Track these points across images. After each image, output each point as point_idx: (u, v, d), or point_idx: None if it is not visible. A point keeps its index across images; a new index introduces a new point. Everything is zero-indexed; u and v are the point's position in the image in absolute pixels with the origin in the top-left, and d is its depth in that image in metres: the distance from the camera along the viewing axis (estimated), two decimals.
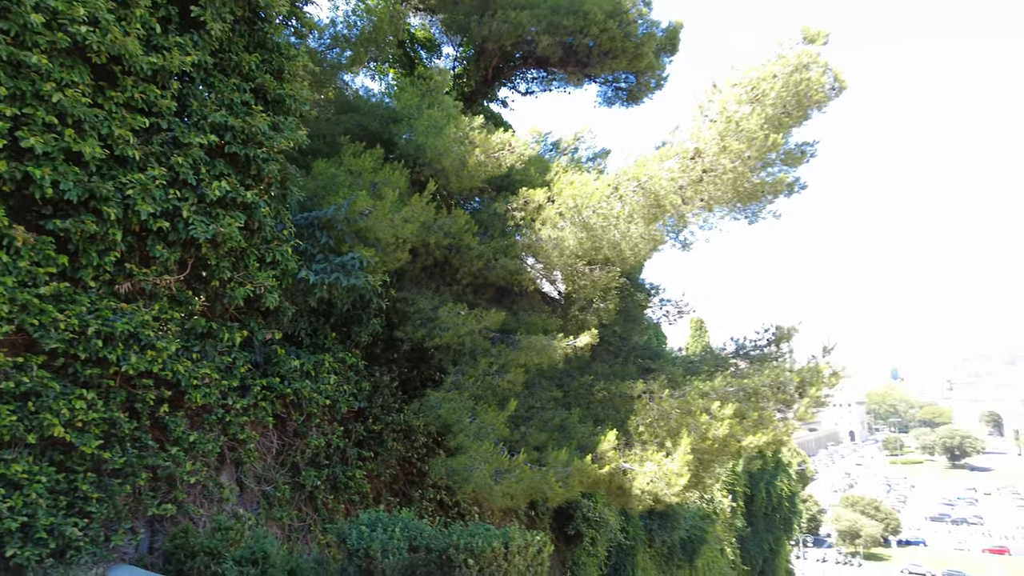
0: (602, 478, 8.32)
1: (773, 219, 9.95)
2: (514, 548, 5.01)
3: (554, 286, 10.78)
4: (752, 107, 8.82)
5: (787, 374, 9.00)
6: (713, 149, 8.61)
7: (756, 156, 8.98)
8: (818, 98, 10.10)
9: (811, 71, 9.85)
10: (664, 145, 9.33)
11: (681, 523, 22.41)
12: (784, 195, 10.23)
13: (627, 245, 9.01)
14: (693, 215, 9.57)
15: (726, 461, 9.29)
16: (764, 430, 8.33)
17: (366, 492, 10.01)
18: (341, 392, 9.29)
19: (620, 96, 15.47)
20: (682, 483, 7.93)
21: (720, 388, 9.22)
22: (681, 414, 8.59)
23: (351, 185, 8.82)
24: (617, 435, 8.82)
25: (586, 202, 8.60)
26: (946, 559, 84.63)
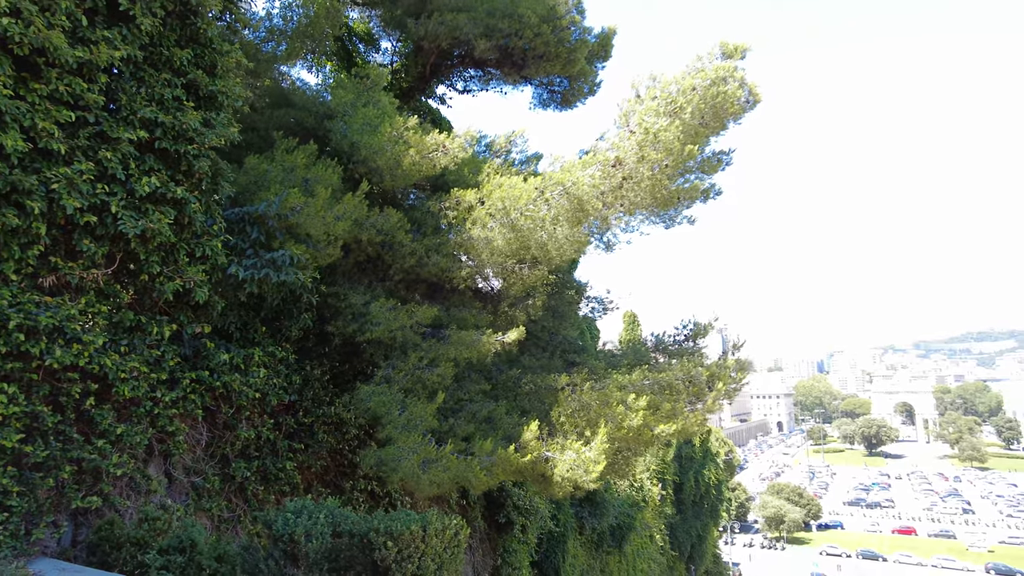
0: (525, 466, 8.79)
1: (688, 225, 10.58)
2: (431, 531, 5.38)
3: (486, 283, 11.15)
4: (670, 119, 9.40)
5: (698, 369, 9.68)
6: (632, 158, 9.15)
7: (673, 165, 9.59)
8: (734, 110, 10.79)
9: (728, 85, 10.52)
10: (588, 152, 9.84)
11: (610, 510, 23.29)
12: (700, 201, 10.93)
13: (553, 246, 9.48)
14: (615, 219, 10.13)
15: (642, 449, 9.90)
16: (675, 420, 8.97)
17: (297, 483, 10.19)
18: (271, 385, 9.44)
19: (555, 99, 15.94)
20: (599, 469, 8.48)
21: (637, 381, 9.82)
22: (600, 405, 9.14)
23: (283, 181, 8.95)
24: (540, 425, 9.31)
25: (514, 204, 9.01)
26: (860, 540, 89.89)
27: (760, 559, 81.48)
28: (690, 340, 12.59)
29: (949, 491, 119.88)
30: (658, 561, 34.69)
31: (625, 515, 25.55)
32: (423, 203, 10.95)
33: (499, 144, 12.05)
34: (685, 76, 10.55)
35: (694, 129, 10.22)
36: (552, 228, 9.15)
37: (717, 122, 10.75)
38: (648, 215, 10.46)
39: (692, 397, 9.49)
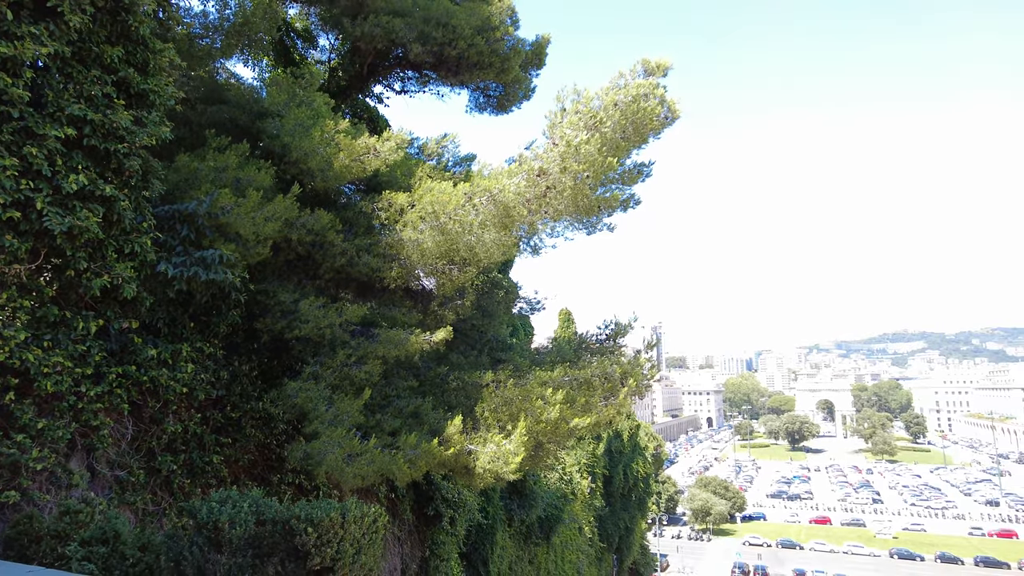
0: (448, 459, 9.25)
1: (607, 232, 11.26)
2: (351, 518, 5.76)
3: (416, 282, 11.52)
4: (591, 133, 10.02)
5: (613, 367, 10.37)
6: (556, 169, 9.73)
7: (595, 176, 10.22)
8: (653, 126, 11.51)
9: (648, 101, 11.20)
10: (516, 160, 10.36)
11: (539, 503, 24.02)
12: (620, 210, 11.64)
13: (481, 249, 9.96)
14: (541, 224, 10.70)
15: (562, 441, 10.50)
16: (589, 414, 9.62)
17: (224, 476, 10.33)
18: (199, 380, 9.57)
19: (491, 104, 16.41)
20: (517, 461, 9.02)
21: (558, 378, 10.44)
22: (521, 400, 9.69)
23: (215, 180, 9.10)
24: (465, 420, 9.79)
25: (443, 208, 9.43)
26: (781, 531, 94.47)
27: (687, 550, 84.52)
28: (611, 339, 13.32)
29: (861, 483, 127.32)
30: (586, 552, 35.79)
31: (553, 507, 26.35)
32: (356, 203, 11.22)
33: (430, 148, 12.42)
34: (608, 91, 11.18)
35: (615, 143, 10.89)
36: (480, 232, 9.63)
37: (638, 136, 11.44)
38: (572, 222, 11.08)
39: (606, 392, 10.17)
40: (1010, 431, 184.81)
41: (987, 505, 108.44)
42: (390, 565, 15.77)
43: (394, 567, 16.09)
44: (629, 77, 11.45)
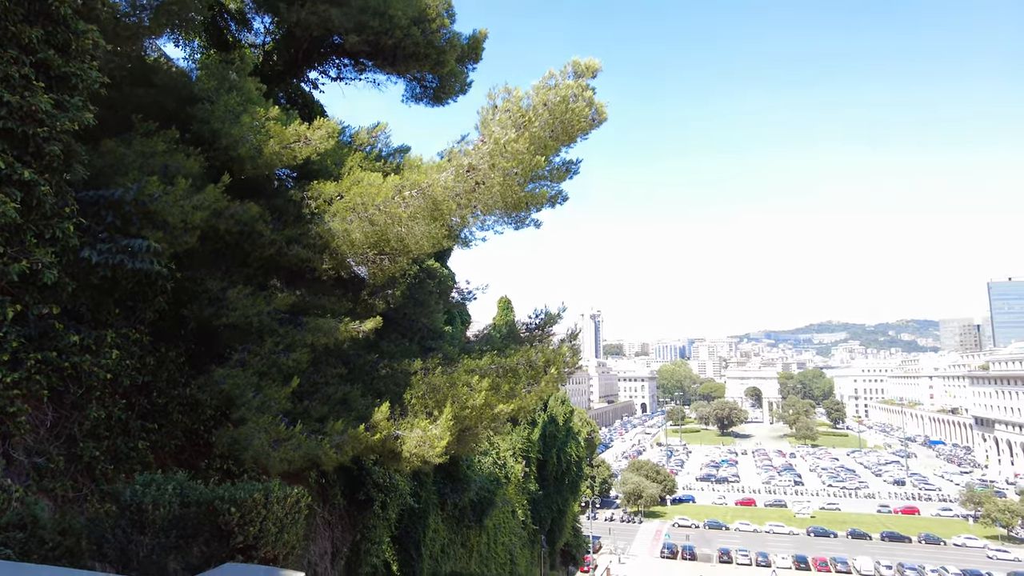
0: (375, 444, 9.55)
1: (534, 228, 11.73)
2: (273, 498, 6.02)
3: (347, 271, 11.68)
4: (519, 131, 10.42)
5: (537, 355, 10.88)
6: (485, 165, 10.09)
7: (523, 173, 10.63)
8: (581, 126, 11.97)
9: (577, 103, 11.64)
10: (446, 155, 10.67)
11: (472, 487, 24.54)
12: (548, 206, 12.12)
13: (411, 240, 10.24)
14: (472, 217, 11.06)
15: (488, 426, 10.94)
16: (513, 400, 10.10)
17: (150, 462, 10.31)
18: (123, 366, 9.52)
19: (427, 94, 16.57)
20: (443, 445, 9.42)
21: (485, 366, 10.87)
22: (447, 387, 10.08)
23: (142, 167, 9.04)
24: (393, 407, 10.10)
25: (371, 200, 9.66)
26: (708, 512, 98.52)
27: (619, 532, 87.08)
28: (540, 328, 13.84)
29: (785, 466, 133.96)
30: (519, 535, 36.66)
31: (486, 491, 26.93)
32: (287, 191, 11.29)
33: (362, 137, 12.55)
34: (538, 91, 11.57)
35: (543, 141, 11.32)
36: (410, 224, 9.91)
37: (566, 136, 11.89)
38: (501, 216, 11.48)
39: (530, 380, 10.67)
40: (917, 416, 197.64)
41: (894, 484, 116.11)
42: (320, 548, 15.95)
43: (324, 550, 16.27)
44: (559, 78, 11.85)
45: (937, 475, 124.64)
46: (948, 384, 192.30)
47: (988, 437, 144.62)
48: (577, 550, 54.17)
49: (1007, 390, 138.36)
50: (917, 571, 67.94)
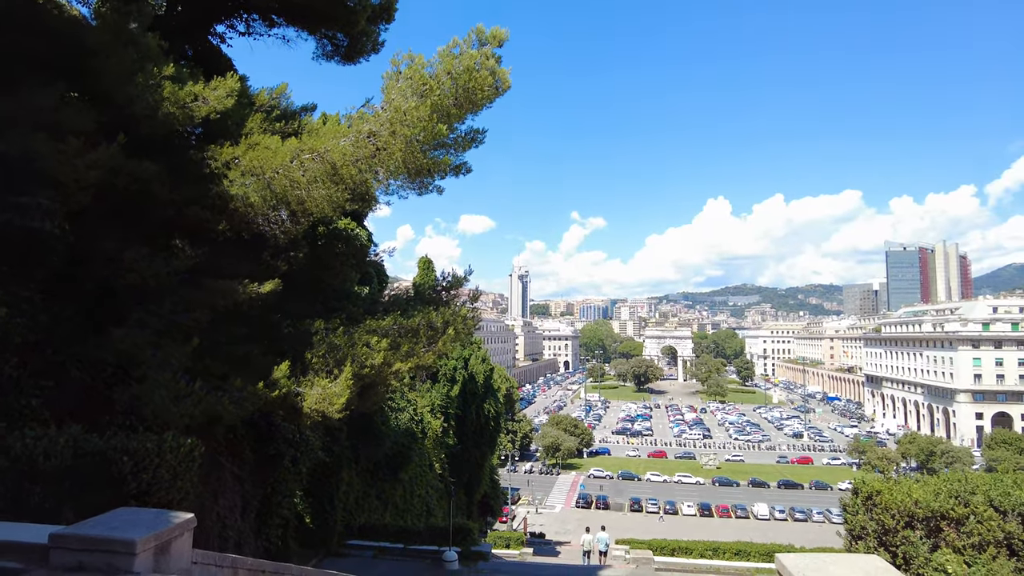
0: (275, 400, 9.95)
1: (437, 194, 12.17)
2: (167, 447, 6.40)
3: (248, 232, 11.77)
4: (421, 99, 10.74)
5: (436, 316, 11.47)
6: (385, 132, 10.40)
7: (425, 140, 11.00)
8: (486, 95, 12.36)
9: (481, 72, 12.01)
10: (346, 120, 10.88)
11: (386, 441, 25.20)
12: (452, 175, 12.56)
13: (312, 204, 10.48)
14: (374, 182, 11.37)
15: (389, 383, 11.48)
16: (411, 359, 10.69)
17: (46, 419, 10.32)
18: (15, 324, 9.45)
19: (338, 53, 16.39)
20: (342, 402, 9.93)
21: (387, 326, 11.37)
22: (348, 347, 10.54)
23: (32, 122, 8.83)
24: (294, 365, 10.49)
25: (270, 164, 9.81)
26: (622, 464, 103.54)
27: (537, 483, 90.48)
28: (446, 290, 14.40)
29: (695, 420, 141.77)
30: (436, 487, 37.82)
31: (401, 446, 27.68)
32: (186, 152, 11.20)
33: (263, 98, 12.49)
34: (442, 58, 11.84)
35: (446, 109, 11.66)
36: (309, 188, 10.15)
37: (470, 104, 12.26)
38: (405, 182, 11.84)
39: (429, 339, 11.27)
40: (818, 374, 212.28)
41: (793, 437, 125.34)
42: (230, 502, 16.24)
43: (234, 504, 16.57)
44: (464, 46, 12.14)
45: (831, 428, 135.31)
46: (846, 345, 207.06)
47: (877, 393, 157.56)
48: (495, 501, 56.18)
49: (894, 351, 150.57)
50: (805, 514, 74.53)
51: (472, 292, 13.31)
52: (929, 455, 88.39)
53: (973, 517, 6.27)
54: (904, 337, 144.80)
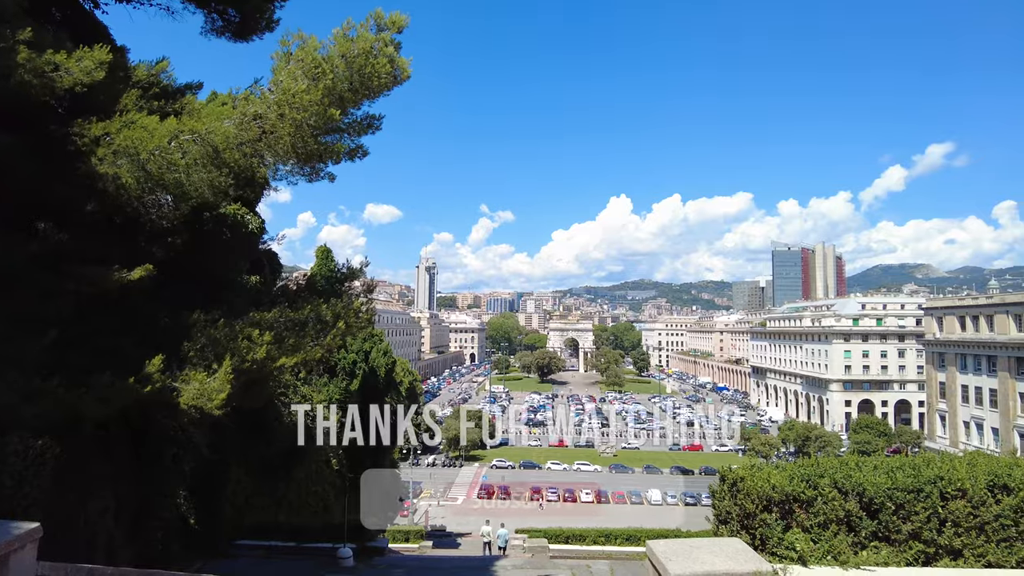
0: (148, 396, 9.26)
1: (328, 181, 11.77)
2: (9, 451, 5.82)
3: (120, 216, 10.90)
4: (313, 82, 10.31)
5: (324, 308, 11.10)
6: (273, 115, 9.91)
7: (316, 125, 10.57)
8: (383, 82, 12.02)
9: (378, 57, 11.66)
10: (229, 101, 10.28)
11: (278, 438, 24.19)
12: (347, 160, 12.18)
13: (191, 188, 9.80)
14: (261, 167, 10.83)
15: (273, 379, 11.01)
16: (297, 353, 10.28)
17: None
18: None
19: (229, 29, 15.41)
20: (221, 398, 9.40)
21: (272, 319, 10.88)
22: (228, 340, 9.99)
23: None
24: (170, 359, 9.83)
25: (144, 145, 9.10)
26: (525, 453, 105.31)
27: (440, 476, 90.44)
28: (340, 282, 13.99)
29: (594, 410, 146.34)
30: (334, 483, 36.83)
31: (295, 442, 26.66)
32: (53, 127, 10.20)
33: (141, 74, 11.59)
34: (337, 41, 11.39)
35: (340, 94, 11.24)
36: (188, 172, 9.50)
37: (366, 90, 11.88)
38: (294, 167, 11.36)
39: (317, 333, 10.89)
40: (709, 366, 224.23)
41: (685, 425, 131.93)
42: (101, 505, 15.07)
43: (106, 507, 15.38)
44: (361, 30, 11.75)
45: (720, 417, 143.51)
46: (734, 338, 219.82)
47: (761, 384, 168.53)
48: None
49: (777, 344, 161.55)
50: (695, 498, 78.70)
51: (367, 283, 13.00)
52: (805, 440, 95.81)
53: (820, 499, 6.84)
54: (786, 331, 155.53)
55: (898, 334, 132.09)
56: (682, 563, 5.46)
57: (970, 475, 7.50)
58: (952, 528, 7.35)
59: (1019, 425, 72.17)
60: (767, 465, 7.93)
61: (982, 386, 78.09)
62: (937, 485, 7.41)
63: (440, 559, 27.89)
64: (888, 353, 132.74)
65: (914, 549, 7.25)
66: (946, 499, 7.39)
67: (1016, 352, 72.28)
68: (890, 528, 7.34)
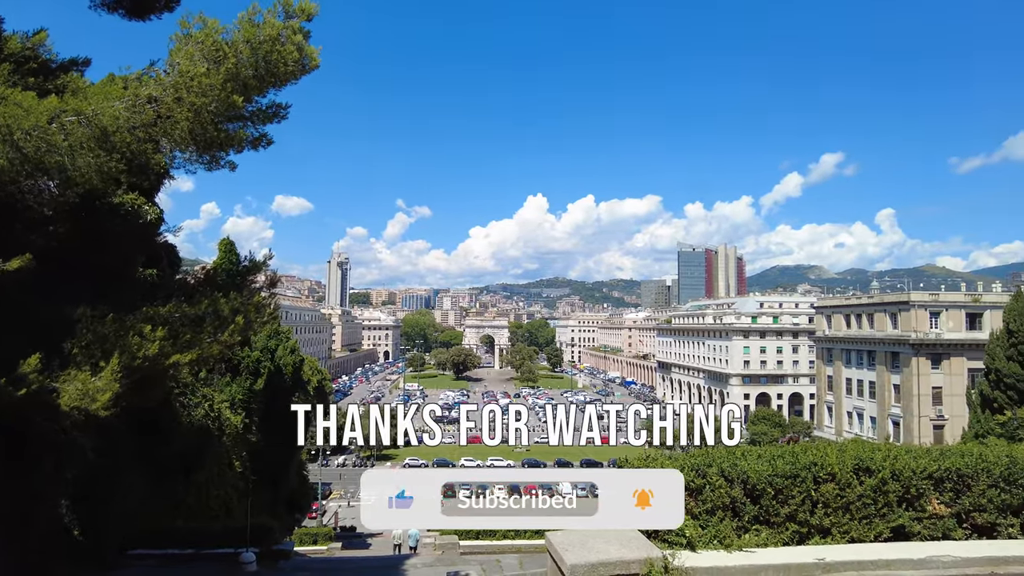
0: (23, 399, 8.55)
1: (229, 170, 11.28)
2: None
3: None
4: (214, 66, 9.82)
5: (223, 303, 10.60)
6: (169, 98, 9.37)
7: (217, 111, 10.07)
8: (291, 70, 11.61)
9: (284, 45, 11.25)
10: (121, 81, 9.63)
11: (175, 440, 22.95)
12: (249, 148, 11.69)
13: (77, 174, 9.11)
14: (156, 153, 10.20)
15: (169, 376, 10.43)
16: (192, 350, 9.78)
17: None
18: None
19: (122, 5, 14.43)
20: (106, 398, 8.80)
21: (168, 314, 10.28)
22: (116, 336, 9.37)
23: None
24: (51, 357, 9.11)
25: (18, 124, 8.37)
26: (439, 451, 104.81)
27: (351, 477, 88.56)
28: (241, 276, 13.41)
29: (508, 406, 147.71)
30: (237, 487, 35.29)
31: (194, 444, 25.40)
32: None
33: (14, 46, 10.61)
34: (242, 26, 10.90)
35: (244, 80, 10.75)
36: (72, 155, 8.82)
37: (272, 78, 11.44)
38: (192, 155, 10.80)
39: (215, 329, 10.39)
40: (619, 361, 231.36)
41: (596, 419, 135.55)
42: None
43: None
44: (268, 16, 11.30)
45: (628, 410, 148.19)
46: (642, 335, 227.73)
47: (667, 378, 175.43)
48: (303, 497, 53.86)
49: (682, 340, 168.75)
50: None
51: (271, 278, 12.52)
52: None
53: (708, 487, 7.27)
54: (690, 328, 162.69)
55: (792, 331, 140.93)
56: (578, 553, 5.68)
57: (839, 460, 8.26)
58: (823, 509, 8.05)
59: (893, 414, 78.90)
60: (661, 456, 8.37)
61: (863, 379, 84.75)
62: (811, 470, 8.13)
63: (348, 560, 27.40)
64: (783, 349, 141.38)
65: (790, 530, 7.93)
66: (818, 483, 8.11)
67: (892, 347, 78.87)
68: (770, 512, 7.96)
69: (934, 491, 8.41)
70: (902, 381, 77.15)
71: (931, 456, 8.73)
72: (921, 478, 8.34)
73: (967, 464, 8.54)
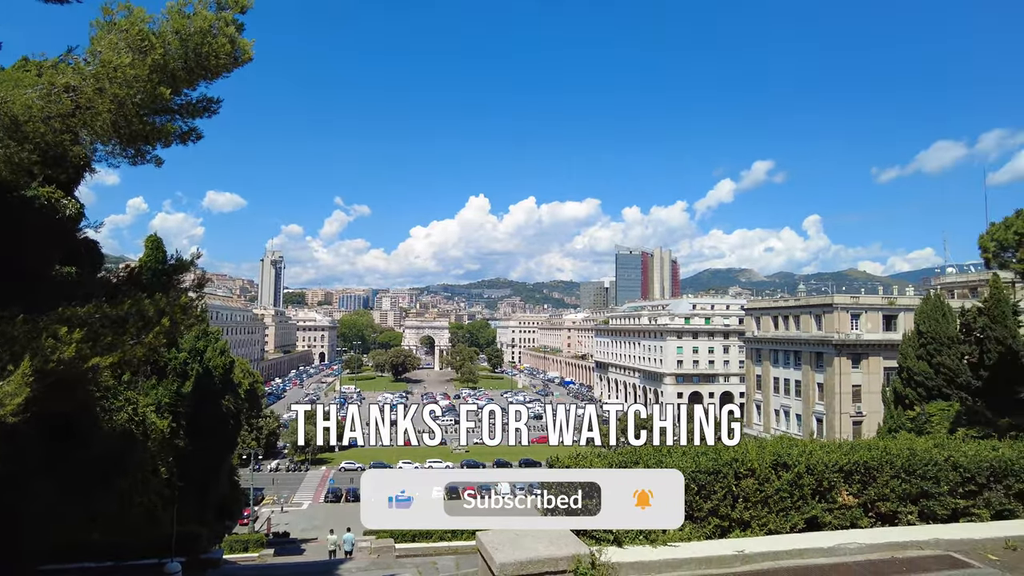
0: None
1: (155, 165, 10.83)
2: None
3: None
4: (139, 56, 9.40)
5: (147, 304, 10.17)
6: (89, 88, 8.92)
7: (142, 103, 9.65)
8: (223, 63, 11.25)
9: (217, 37, 10.90)
10: (34, 68, 9.11)
11: (93, 446, 21.80)
12: (178, 143, 11.25)
13: None
14: (74, 146, 9.69)
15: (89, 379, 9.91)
16: (114, 352, 9.33)
17: None
18: None
19: None
20: (16, 403, 8.29)
21: (87, 314, 9.76)
22: (28, 338, 8.84)
23: None
24: None
25: None
26: (375, 454, 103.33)
27: (284, 481, 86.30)
28: (167, 275, 12.89)
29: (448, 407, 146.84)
30: (162, 494, 33.81)
31: (115, 450, 24.19)
32: None
33: None
34: (171, 15, 10.49)
35: (173, 72, 10.36)
36: None
37: (203, 70, 11.05)
38: (115, 148, 10.31)
39: (138, 331, 9.95)
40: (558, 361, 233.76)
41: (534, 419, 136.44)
42: None
43: None
44: (199, 6, 10.93)
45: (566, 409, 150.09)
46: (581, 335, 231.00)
47: (604, 377, 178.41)
48: (234, 503, 52.09)
49: (618, 340, 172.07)
50: None
51: (200, 277, 12.09)
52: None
53: None
54: (626, 328, 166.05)
55: (723, 332, 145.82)
56: (507, 552, 5.76)
57: (759, 456, 8.73)
58: (743, 503, 8.50)
59: (817, 411, 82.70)
60: (591, 454, 8.59)
61: (790, 378, 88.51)
62: (732, 467, 8.56)
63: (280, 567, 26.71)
64: (715, 349, 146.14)
65: (712, 524, 8.30)
66: (739, 478, 8.55)
67: (816, 348, 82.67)
68: (693, 507, 8.32)
69: (844, 483, 9.00)
70: (825, 380, 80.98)
71: (842, 451, 9.34)
72: (833, 471, 8.90)
73: (873, 457, 9.19)
